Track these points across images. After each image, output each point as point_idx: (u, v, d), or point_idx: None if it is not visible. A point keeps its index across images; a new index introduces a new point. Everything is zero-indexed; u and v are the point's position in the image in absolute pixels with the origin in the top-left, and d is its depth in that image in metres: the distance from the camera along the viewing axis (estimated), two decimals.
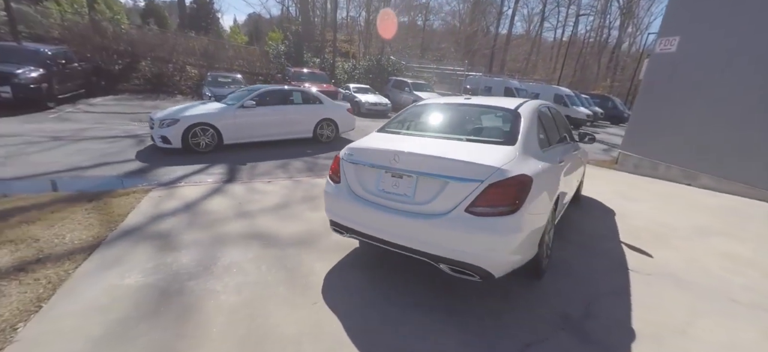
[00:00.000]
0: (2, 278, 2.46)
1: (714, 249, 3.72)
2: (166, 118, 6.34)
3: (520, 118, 2.83)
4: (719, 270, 3.25)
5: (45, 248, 2.93)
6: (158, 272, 2.68)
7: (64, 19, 15.99)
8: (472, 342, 2.14)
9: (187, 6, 36.29)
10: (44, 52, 11.13)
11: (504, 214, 2.16)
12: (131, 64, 15.20)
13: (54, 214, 3.58)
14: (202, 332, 2.07)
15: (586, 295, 2.70)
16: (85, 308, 2.22)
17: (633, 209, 4.93)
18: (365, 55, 21.23)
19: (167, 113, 6.57)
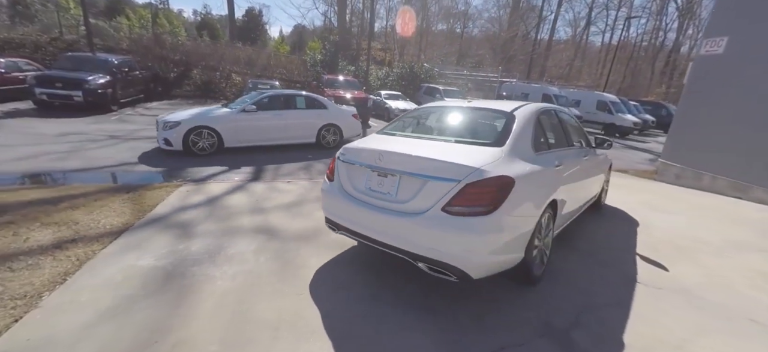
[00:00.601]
0: (41, 253, 2.86)
1: (746, 266, 3.36)
2: (169, 121, 6.49)
3: (514, 120, 2.79)
4: (747, 288, 2.93)
5: (81, 230, 3.34)
6: (169, 257, 2.95)
7: (131, 33, 17.95)
8: (446, 341, 2.13)
9: (239, 19, 39.11)
10: (111, 62, 12.54)
11: (481, 214, 2.15)
12: (185, 73, 16.65)
13: (96, 202, 4.06)
14: (193, 312, 2.27)
15: (580, 304, 2.57)
16: (102, 283, 2.52)
17: (660, 221, 4.57)
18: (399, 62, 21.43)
19: (171, 116, 6.69)
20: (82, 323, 2.10)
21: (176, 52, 17.02)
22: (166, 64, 16.30)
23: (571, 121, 3.90)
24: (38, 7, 21.53)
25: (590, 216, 4.54)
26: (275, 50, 23.46)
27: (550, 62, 31.11)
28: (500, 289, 2.69)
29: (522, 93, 19.93)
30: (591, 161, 3.88)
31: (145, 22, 19.24)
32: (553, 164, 2.80)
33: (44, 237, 3.14)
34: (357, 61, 19.84)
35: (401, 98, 15.30)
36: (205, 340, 2.02)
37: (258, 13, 40.25)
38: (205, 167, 5.95)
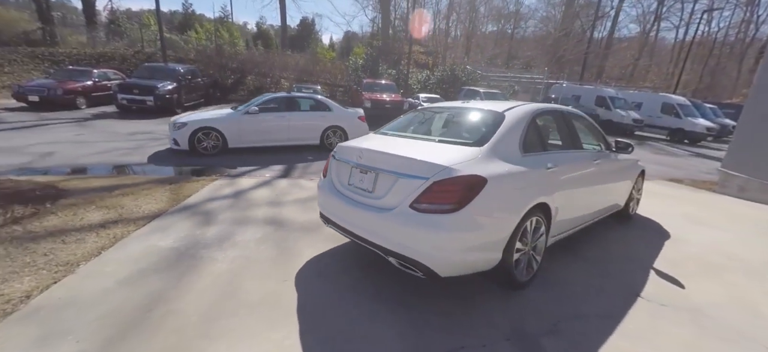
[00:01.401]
0: (89, 231, 3.41)
1: None
2: (177, 122, 6.78)
3: (502, 120, 2.74)
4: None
5: (124, 213, 3.90)
6: (186, 240, 3.35)
7: (198, 45, 20.04)
8: (409, 334, 2.19)
9: (293, 29, 41.58)
10: (178, 70, 14.14)
11: (447, 212, 2.17)
12: (240, 79, 18.18)
13: (142, 191, 4.68)
14: (189, 287, 2.58)
15: (563, 313, 2.45)
16: (125, 258, 2.96)
17: (698, 235, 4.11)
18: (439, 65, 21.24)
19: (181, 118, 6.97)
20: (101, 288, 2.50)
21: (233, 61, 18.65)
22: (225, 72, 17.93)
23: (583, 123, 3.68)
24: (127, 25, 24.87)
25: (612, 226, 4.22)
26: (322, 56, 24.62)
27: (610, 62, 28.53)
28: (482, 291, 2.66)
29: (572, 95, 18.69)
30: (607, 166, 3.62)
31: (210, 35, 21.37)
32: (544, 166, 2.70)
33: (94, 217, 3.73)
34: (398, 65, 20.07)
35: (438, 101, 15.22)
36: (190, 311, 2.30)
37: (311, 22, 42.55)
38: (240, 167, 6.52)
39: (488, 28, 47.86)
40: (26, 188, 4.38)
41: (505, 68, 22.63)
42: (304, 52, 26.16)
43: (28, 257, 2.86)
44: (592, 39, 26.57)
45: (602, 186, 3.56)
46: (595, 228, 4.04)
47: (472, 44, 37.27)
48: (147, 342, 2.01)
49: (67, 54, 18.21)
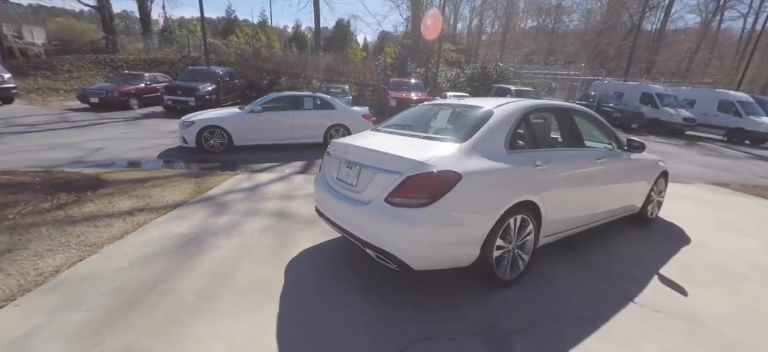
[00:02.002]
0: (118, 217, 3.82)
1: None
2: (186, 121, 7.07)
3: (489, 117, 2.72)
4: None
5: (151, 203, 4.31)
6: (198, 227, 3.65)
7: (237, 48, 21.24)
8: (378, 322, 2.27)
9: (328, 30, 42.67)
10: (217, 73, 15.11)
11: (419, 206, 2.22)
12: (274, 80, 19.02)
13: (170, 183, 5.12)
14: (190, 270, 2.83)
15: (542, 313, 2.40)
16: (142, 242, 3.29)
17: (723, 242, 3.81)
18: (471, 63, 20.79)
19: (190, 117, 7.21)
20: (117, 267, 2.82)
21: (269, 63, 19.55)
22: (261, 73, 18.85)
23: (590, 122, 3.53)
24: (177, 32, 26.93)
25: (624, 229, 3.99)
26: (353, 56, 25.07)
27: (662, 56, 26.20)
28: (464, 288, 2.67)
29: (615, 92, 17.52)
30: (616, 166, 3.43)
31: (249, 39, 22.61)
32: (532, 164, 2.64)
33: (125, 205, 4.16)
34: (427, 63, 19.94)
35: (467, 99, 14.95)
36: (187, 291, 2.53)
37: (346, 24, 43.39)
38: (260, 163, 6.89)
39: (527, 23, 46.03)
40: (74, 179, 4.96)
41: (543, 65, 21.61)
42: (337, 52, 26.76)
43: (64, 237, 3.28)
44: (640, 31, 24.51)
45: (609, 186, 3.38)
46: (604, 230, 3.85)
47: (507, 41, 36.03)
48: (145, 315, 2.26)
49: (124, 60, 20.08)
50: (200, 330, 2.15)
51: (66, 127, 9.90)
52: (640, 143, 3.59)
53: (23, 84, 15.84)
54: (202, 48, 20.08)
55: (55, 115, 11.71)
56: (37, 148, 7.38)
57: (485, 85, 18.01)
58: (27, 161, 6.03)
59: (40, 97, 15.45)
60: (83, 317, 2.22)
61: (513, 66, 20.60)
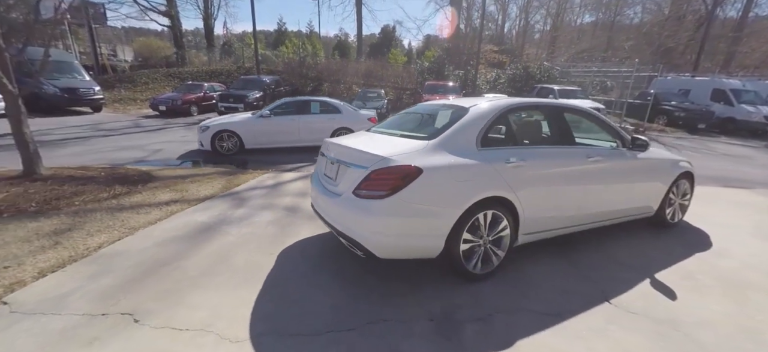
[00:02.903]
0: (157, 207, 4.45)
1: None
2: (203, 126, 7.71)
3: (463, 115, 2.81)
4: None
5: (186, 196, 4.94)
6: (217, 217, 4.14)
7: (285, 58, 22.74)
8: (342, 304, 2.47)
9: (374, 36, 43.69)
10: (265, 81, 16.38)
11: (380, 198, 2.39)
12: (317, 87, 20.04)
13: (206, 179, 5.78)
14: (198, 251, 3.26)
15: (504, 306, 2.43)
16: (169, 227, 3.83)
17: (746, 249, 3.45)
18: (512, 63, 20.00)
19: (207, 122, 7.80)
20: (143, 247, 3.35)
21: (312, 70, 20.64)
22: (305, 81, 19.98)
23: (588, 120, 3.41)
24: (237, 45, 29.47)
25: (638, 231, 3.77)
26: (393, 61, 25.48)
27: (744, 47, 22.82)
28: (436, 280, 2.76)
29: (680, 90, 15.80)
30: (617, 165, 3.28)
31: (296, 48, 24.13)
32: (503, 161, 2.67)
33: (164, 197, 4.83)
34: (465, 66, 19.60)
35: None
36: (191, 268, 2.95)
37: (392, 29, 44.12)
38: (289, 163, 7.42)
39: (585, 19, 42.99)
40: (130, 174, 5.83)
41: (600, 62, 20.01)
42: (381, 58, 27.38)
43: (111, 221, 3.93)
44: (715, 19, 21.62)
45: (608, 186, 3.24)
46: (611, 231, 3.66)
47: (559, 39, 33.99)
48: (154, 284, 2.70)
49: (190, 72, 22.49)
50: (194, 299, 2.52)
51: (137, 132, 11.45)
52: (643, 141, 3.38)
53: (109, 95, 18.48)
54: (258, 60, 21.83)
55: (131, 121, 13.55)
56: (112, 149, 8.68)
57: (528, 86, 17.28)
58: (101, 159, 7.16)
59: (121, 106, 17.92)
60: (108, 283, 2.72)
61: (560, 65, 19.45)
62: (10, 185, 4.73)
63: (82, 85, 15.43)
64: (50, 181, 5.01)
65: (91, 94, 15.53)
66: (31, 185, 4.79)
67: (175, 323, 2.26)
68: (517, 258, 3.11)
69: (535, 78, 17.62)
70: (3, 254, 3.15)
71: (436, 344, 2.08)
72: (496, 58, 25.59)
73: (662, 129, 13.96)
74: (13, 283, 2.70)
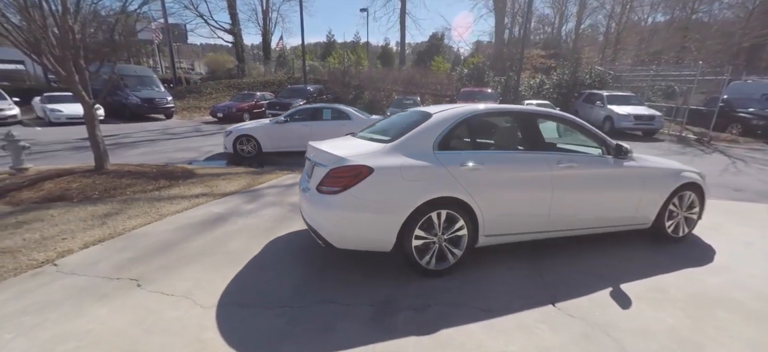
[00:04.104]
0: (187, 199, 5.18)
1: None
2: (227, 131, 8.56)
3: (424, 121, 2.99)
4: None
5: (214, 191, 5.65)
6: (231, 209, 4.72)
7: (331, 68, 24.00)
8: (302, 286, 2.79)
9: (422, 43, 44.02)
10: (308, 90, 17.50)
11: (334, 193, 2.68)
12: (358, 95, 20.85)
13: (236, 178, 6.51)
14: (204, 236, 3.81)
15: (445, 300, 2.58)
16: (190, 215, 4.47)
17: (753, 270, 3.11)
18: (564, 67, 18.87)
19: (231, 127, 8.61)
20: (164, 230, 3.99)
21: (355, 79, 21.52)
22: (347, 89, 20.90)
23: (570, 127, 3.38)
24: (290, 57, 31.69)
25: (632, 242, 3.59)
26: (435, 68, 25.54)
27: None
28: (395, 273, 2.96)
29: (763, 94, 13.81)
30: (593, 172, 3.21)
31: (342, 59, 25.40)
32: (458, 163, 2.80)
33: (196, 191, 5.58)
34: (506, 71, 18.99)
35: (547, 108, 13.87)
36: (192, 249, 3.48)
37: (439, 36, 44.12)
38: None
39: (657, 17, 39.04)
40: (176, 171, 6.77)
41: (673, 65, 18.09)
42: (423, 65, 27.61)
43: (148, 208, 4.70)
44: None
45: (584, 193, 3.17)
46: (601, 240, 3.55)
47: (623, 40, 31.28)
48: (160, 259, 3.26)
49: (247, 83, 24.72)
50: (186, 273, 3.02)
51: (196, 135, 12.99)
52: (624, 149, 3.24)
53: (180, 104, 21.05)
54: (306, 70, 23.34)
55: (192, 127, 15.37)
56: (172, 149, 10.03)
57: (575, 92, 16.28)
58: (160, 158, 8.36)
59: (188, 113, 20.31)
60: (129, 256, 3.34)
61: (614, 69, 17.95)
62: (83, 177, 5.81)
63: (157, 95, 17.84)
64: (113, 175, 6.05)
65: (164, 103, 17.88)
66: (98, 178, 5.84)
67: (165, 289, 2.75)
68: (485, 259, 3.19)
69: (584, 83, 16.53)
70: (65, 228, 3.98)
71: (365, 325, 2.31)
72: (543, 63, 24.37)
73: (733, 139, 12.30)
74: (64, 251, 3.43)
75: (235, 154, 8.67)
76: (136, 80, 17.86)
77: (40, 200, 4.94)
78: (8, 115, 14.23)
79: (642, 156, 3.52)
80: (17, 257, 3.29)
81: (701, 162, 9.00)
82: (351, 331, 2.26)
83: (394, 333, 2.23)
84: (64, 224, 4.10)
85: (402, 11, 28.31)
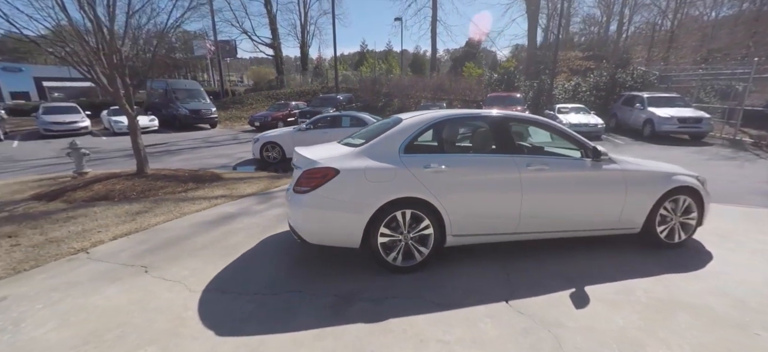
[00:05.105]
0: (207, 199, 5.75)
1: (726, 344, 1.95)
2: (255, 138, 9.29)
3: (393, 126, 3.18)
4: None
5: (233, 193, 6.19)
6: (241, 209, 5.18)
7: (362, 77, 24.69)
8: (279, 276, 3.09)
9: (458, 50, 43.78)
10: (338, 98, 18.18)
11: (305, 192, 2.95)
12: (388, 102, 21.24)
13: (256, 182, 7.06)
14: (211, 232, 4.25)
15: (408, 294, 2.74)
16: (206, 214, 4.98)
17: (744, 276, 2.89)
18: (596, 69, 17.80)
19: (258, 135, 9.31)
20: (180, 226, 4.50)
21: (385, 87, 21.97)
22: (377, 97, 21.39)
23: (546, 130, 3.40)
24: (326, 67, 33.00)
25: (622, 247, 3.48)
26: (467, 74, 25.22)
27: None
28: (369, 268, 3.15)
29: None
30: (566, 174, 3.19)
31: (373, 68, 26.09)
32: (421, 166, 2.94)
33: (217, 193, 6.16)
34: (539, 75, 18.29)
35: (579, 111, 13.26)
36: (199, 242, 3.92)
37: (476, 41, 43.49)
38: None
39: (721, 12, 35.38)
40: (205, 175, 7.47)
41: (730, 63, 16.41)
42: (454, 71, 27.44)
43: (173, 208, 5.30)
44: None
45: (558, 196, 3.16)
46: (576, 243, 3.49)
47: (679, 38, 28.71)
48: (170, 251, 3.73)
49: (284, 93, 26.13)
50: (187, 263, 3.44)
51: (232, 143, 14.05)
52: (599, 152, 3.17)
53: (223, 114, 22.76)
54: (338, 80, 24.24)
55: (231, 135, 16.60)
56: (210, 156, 10.99)
57: (615, 94, 15.34)
58: (195, 164, 9.23)
59: (230, 122, 21.90)
60: (146, 247, 3.85)
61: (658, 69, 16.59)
62: (125, 180, 6.65)
63: (203, 107, 19.47)
64: (151, 178, 6.85)
65: (209, 114, 19.47)
66: (138, 181, 6.65)
67: (166, 275, 3.18)
68: (458, 259, 3.30)
69: (626, 85, 15.51)
70: (102, 223, 4.64)
71: (322, 312, 2.53)
72: (581, 65, 23.07)
73: None
74: (96, 241, 4.03)
75: (261, 160, 9.43)
76: (186, 93, 19.67)
77: (89, 199, 5.76)
78: (80, 127, 16.36)
79: (626, 159, 3.42)
80: (60, 245, 3.93)
81: (752, 167, 8.16)
82: (308, 316, 2.50)
83: (345, 320, 2.43)
84: (103, 219, 4.77)
85: (433, 19, 28.52)
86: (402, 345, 2.14)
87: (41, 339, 2.32)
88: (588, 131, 12.06)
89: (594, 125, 12.15)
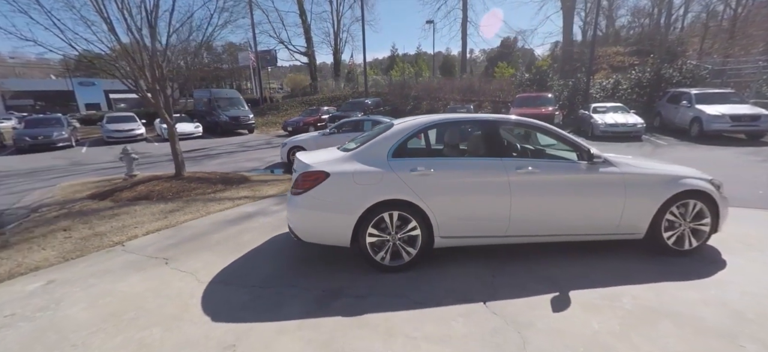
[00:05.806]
0: (232, 200, 6.21)
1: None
2: (282, 143, 9.73)
3: (385, 130, 3.32)
4: None
5: (256, 194, 6.63)
6: (259, 209, 5.56)
7: (391, 81, 24.95)
8: (277, 271, 3.33)
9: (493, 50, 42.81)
10: (366, 103, 18.55)
11: (299, 194, 3.17)
12: (416, 105, 21.28)
13: (279, 183, 7.49)
14: (228, 229, 4.62)
15: (387, 291, 2.86)
16: (228, 213, 5.40)
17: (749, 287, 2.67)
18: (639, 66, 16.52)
19: (287, 139, 9.77)
20: (203, 224, 4.94)
21: (413, 90, 22.03)
22: (406, 100, 21.51)
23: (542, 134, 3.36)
24: (357, 73, 33.71)
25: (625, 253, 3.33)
26: (498, 74, 24.53)
27: None
28: (359, 268, 3.30)
29: None
30: (552, 177, 3.14)
31: (402, 71, 26.29)
32: (408, 169, 3.05)
33: (242, 194, 6.63)
34: (574, 74, 17.35)
35: (618, 111, 12.48)
36: (215, 239, 4.30)
37: (513, 40, 42.23)
38: None
39: None
40: (234, 177, 8.04)
41: None
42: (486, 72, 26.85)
43: (201, 207, 5.80)
44: None
45: (551, 199, 3.11)
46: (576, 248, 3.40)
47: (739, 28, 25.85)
48: (189, 245, 4.13)
49: (317, 99, 27.07)
50: (201, 256, 3.80)
51: (266, 147, 14.83)
52: (592, 155, 3.06)
53: (260, 120, 24.04)
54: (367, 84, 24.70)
55: (266, 140, 17.52)
56: (243, 160, 11.74)
57: (660, 91, 14.23)
58: (229, 167, 9.93)
59: (266, 128, 23.08)
60: (170, 242, 4.29)
61: (711, 62, 15.06)
62: (164, 182, 7.36)
63: (242, 114, 20.72)
64: (186, 180, 7.51)
65: (247, 120, 20.69)
66: (175, 182, 7.32)
67: (181, 267, 3.55)
68: (449, 260, 3.35)
69: (672, 81, 14.34)
70: (140, 220, 5.21)
71: (308, 305, 2.73)
72: (624, 61, 21.49)
73: None
74: (132, 236, 4.56)
75: (288, 163, 9.87)
76: (226, 101, 21.07)
77: (132, 199, 6.46)
78: (136, 134, 18.11)
79: (628, 161, 3.27)
80: (102, 238, 4.50)
81: None
82: (294, 307, 2.70)
83: (326, 312, 2.60)
84: (140, 217, 5.36)
85: (463, 21, 28.14)
86: (371, 338, 2.27)
87: (73, 317, 2.73)
88: (626, 131, 11.33)
89: (633, 125, 11.36)
